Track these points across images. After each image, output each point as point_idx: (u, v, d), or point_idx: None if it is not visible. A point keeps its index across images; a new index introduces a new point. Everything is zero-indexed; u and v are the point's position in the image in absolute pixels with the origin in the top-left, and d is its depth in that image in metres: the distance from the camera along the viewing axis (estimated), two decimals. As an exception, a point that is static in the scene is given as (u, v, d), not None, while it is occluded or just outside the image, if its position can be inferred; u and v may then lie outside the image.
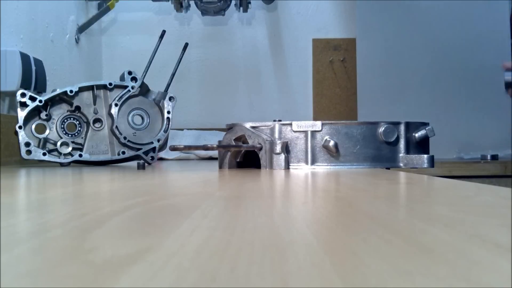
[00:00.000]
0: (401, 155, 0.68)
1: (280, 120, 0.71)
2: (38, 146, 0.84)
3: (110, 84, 0.88)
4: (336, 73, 1.65)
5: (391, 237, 0.18)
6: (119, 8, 1.64)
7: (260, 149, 0.68)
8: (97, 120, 0.88)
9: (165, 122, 0.90)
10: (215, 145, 0.69)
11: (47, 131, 0.86)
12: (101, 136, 0.88)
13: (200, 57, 1.74)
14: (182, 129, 1.56)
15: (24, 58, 1.05)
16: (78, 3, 1.54)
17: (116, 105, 0.87)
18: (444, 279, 0.12)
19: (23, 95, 0.83)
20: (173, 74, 0.92)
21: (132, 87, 0.88)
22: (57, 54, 1.37)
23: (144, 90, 0.90)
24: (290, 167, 0.70)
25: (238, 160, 0.73)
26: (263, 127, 0.71)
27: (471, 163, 1.37)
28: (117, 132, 0.87)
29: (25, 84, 1.04)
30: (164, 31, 0.92)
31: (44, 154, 0.83)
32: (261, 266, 0.14)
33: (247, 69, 1.75)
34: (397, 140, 0.69)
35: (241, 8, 1.51)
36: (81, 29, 1.52)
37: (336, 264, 0.14)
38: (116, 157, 0.87)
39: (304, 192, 0.39)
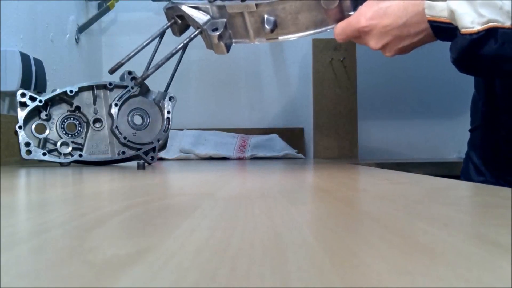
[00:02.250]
0: (338, 25, 0.66)
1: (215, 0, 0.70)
2: (38, 146, 0.84)
3: (110, 84, 0.88)
4: (336, 73, 1.64)
5: (391, 237, 0.18)
6: (119, 8, 1.64)
7: (201, 32, 0.69)
8: (97, 120, 0.88)
9: (165, 122, 0.90)
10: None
11: (47, 131, 0.86)
12: (101, 136, 0.88)
13: (200, 57, 1.74)
14: (182, 129, 1.56)
15: (24, 58, 1.05)
16: (78, 3, 1.54)
17: (116, 105, 0.87)
18: (444, 279, 0.12)
19: (23, 95, 0.83)
20: (173, 74, 0.92)
21: (132, 87, 0.88)
22: (57, 54, 1.37)
23: (144, 90, 0.90)
24: (233, 43, 0.69)
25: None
26: (202, 7, 0.71)
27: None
28: (117, 132, 0.87)
29: (25, 84, 1.04)
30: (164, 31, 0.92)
31: (44, 154, 0.83)
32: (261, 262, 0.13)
33: (247, 68, 1.75)
34: (340, 5, 0.65)
35: (241, 8, 1.51)
36: (81, 29, 1.52)
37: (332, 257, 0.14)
38: (116, 157, 0.87)
39: (305, 192, 0.39)
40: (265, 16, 0.67)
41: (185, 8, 0.73)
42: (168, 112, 0.90)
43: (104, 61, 1.74)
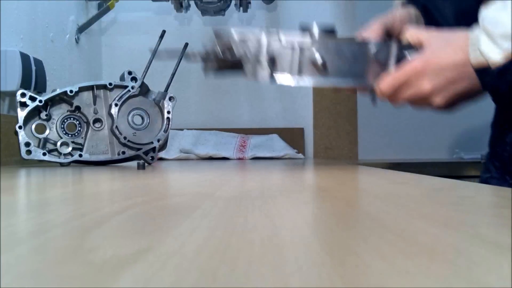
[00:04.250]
0: (386, 74, 0.66)
1: (268, 30, 0.69)
2: (38, 146, 0.84)
3: (110, 84, 0.88)
4: (336, 73, 1.64)
5: (391, 237, 0.18)
6: (119, 8, 1.64)
7: (246, 59, 0.66)
8: (97, 120, 0.88)
9: (165, 122, 0.90)
10: (200, 52, 0.68)
11: (47, 131, 0.86)
12: (101, 136, 0.88)
13: (200, 57, 1.73)
14: (182, 129, 1.56)
15: (24, 58, 1.05)
16: (78, 3, 1.54)
17: (116, 105, 0.87)
18: (444, 279, 0.12)
19: (23, 95, 0.83)
20: (173, 74, 0.92)
21: (132, 87, 0.88)
22: (57, 54, 1.37)
23: (144, 90, 0.90)
24: (275, 80, 0.67)
25: (222, 68, 0.71)
26: (250, 35, 0.69)
27: (471, 163, 1.37)
28: (117, 132, 0.87)
29: (25, 84, 1.04)
30: (164, 31, 0.92)
31: (44, 154, 0.83)
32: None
33: (247, 69, 1.75)
34: (387, 59, 0.66)
35: (241, 8, 1.51)
36: (81, 29, 1.52)
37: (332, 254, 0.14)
38: (116, 157, 0.87)
39: (306, 193, 0.39)
40: (315, 52, 0.67)
41: (234, 33, 0.70)
42: (168, 112, 0.90)
43: (104, 61, 1.74)
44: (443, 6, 0.71)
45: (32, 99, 0.83)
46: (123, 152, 0.87)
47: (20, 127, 0.83)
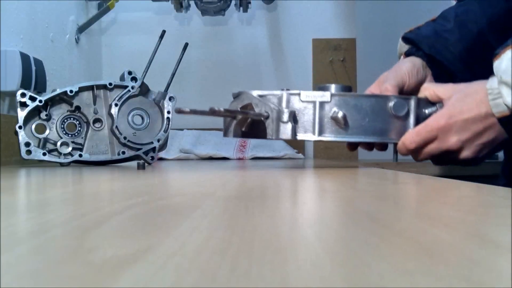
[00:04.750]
0: (410, 130, 0.67)
1: (288, 89, 0.69)
2: (38, 146, 0.84)
3: (110, 84, 0.88)
4: (336, 73, 1.64)
5: (391, 237, 0.18)
6: (119, 8, 1.64)
7: (267, 117, 0.67)
8: (97, 120, 0.88)
9: (165, 122, 0.90)
10: (222, 109, 0.68)
11: (47, 131, 0.86)
12: (101, 136, 0.88)
13: (200, 57, 1.74)
14: (182, 129, 1.56)
15: (24, 58, 1.05)
16: (78, 3, 1.54)
17: (116, 105, 0.87)
18: (444, 279, 0.12)
19: (23, 95, 0.83)
20: (173, 74, 0.92)
21: (132, 87, 0.88)
22: (57, 54, 1.37)
23: (144, 90, 0.90)
24: (297, 137, 0.68)
25: (243, 129, 0.71)
26: (271, 96, 0.69)
27: (471, 163, 1.37)
28: (117, 132, 0.87)
29: (25, 84, 1.04)
30: (164, 31, 0.92)
31: (44, 154, 0.83)
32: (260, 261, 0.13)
33: (247, 69, 1.75)
34: (407, 115, 0.67)
35: (241, 8, 1.51)
36: (81, 29, 1.52)
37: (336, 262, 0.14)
38: (116, 157, 0.87)
39: (306, 193, 0.39)
40: (335, 106, 0.67)
41: (254, 94, 0.70)
42: (168, 112, 0.90)
43: (104, 61, 1.74)
44: (450, 46, 0.72)
45: (32, 99, 0.83)
46: (123, 152, 0.87)
47: (20, 127, 0.83)
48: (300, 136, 0.68)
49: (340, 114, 0.66)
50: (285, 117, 0.66)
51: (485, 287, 0.12)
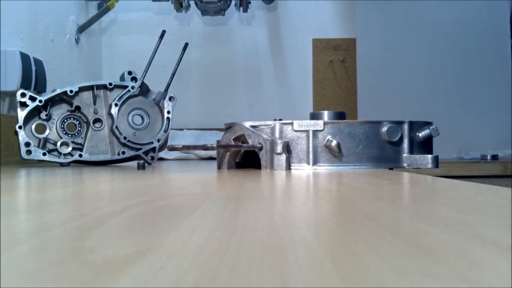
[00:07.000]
0: (404, 155, 0.67)
1: (280, 119, 0.70)
2: (38, 146, 0.84)
3: (110, 84, 0.88)
4: (336, 73, 1.64)
5: (391, 237, 0.18)
6: (119, 8, 1.64)
7: (261, 149, 0.67)
8: (97, 120, 0.88)
9: (165, 122, 0.90)
10: (214, 145, 0.68)
11: (47, 131, 0.86)
12: (101, 136, 0.88)
13: (200, 57, 1.74)
14: (182, 129, 1.56)
15: (24, 58, 1.05)
16: (78, 3, 1.54)
17: (116, 105, 0.87)
18: (444, 279, 0.12)
19: (23, 95, 0.83)
20: (173, 74, 0.92)
21: (132, 87, 0.88)
22: (57, 54, 1.37)
23: (144, 90, 0.90)
24: (291, 167, 0.68)
25: (237, 160, 0.72)
26: (263, 127, 0.70)
27: (471, 163, 1.37)
28: (117, 132, 0.87)
29: (25, 84, 1.04)
30: (164, 31, 0.92)
31: (44, 154, 0.83)
32: (261, 266, 0.13)
33: (247, 69, 1.75)
34: (401, 140, 0.68)
35: (241, 8, 1.51)
36: (81, 29, 1.52)
37: (336, 264, 0.14)
38: (116, 157, 0.87)
39: (305, 193, 0.39)
40: (329, 137, 0.67)
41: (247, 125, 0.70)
42: (168, 112, 0.90)
43: (104, 61, 1.74)
44: None
45: (32, 99, 0.83)
46: (123, 152, 0.87)
47: (20, 127, 0.83)
48: (295, 167, 0.69)
49: (333, 143, 0.67)
50: (279, 148, 0.66)
51: (485, 287, 0.12)
